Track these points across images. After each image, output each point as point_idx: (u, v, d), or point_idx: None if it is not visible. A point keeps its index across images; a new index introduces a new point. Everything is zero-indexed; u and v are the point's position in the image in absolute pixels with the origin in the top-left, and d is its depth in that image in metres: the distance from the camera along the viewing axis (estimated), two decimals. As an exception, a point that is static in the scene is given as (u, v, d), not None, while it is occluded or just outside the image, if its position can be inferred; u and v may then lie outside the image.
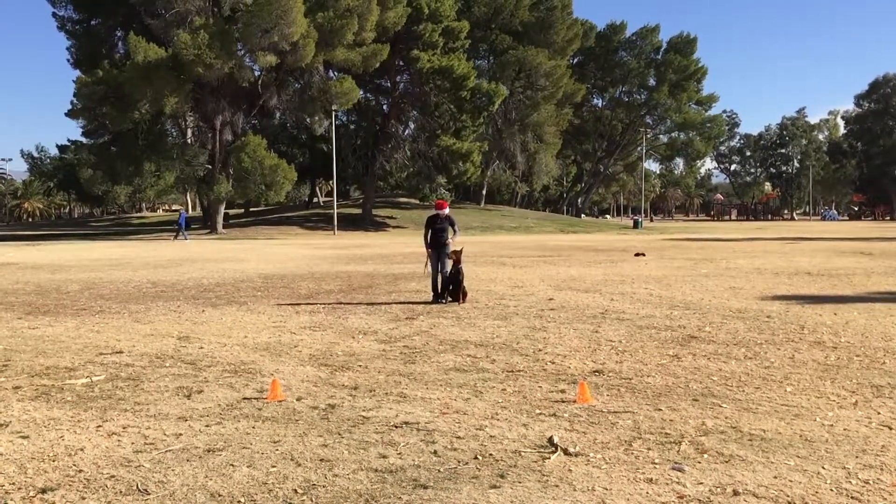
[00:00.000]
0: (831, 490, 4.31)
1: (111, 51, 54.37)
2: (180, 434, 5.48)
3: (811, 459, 4.84)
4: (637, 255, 26.09)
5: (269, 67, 49.79)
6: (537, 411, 6.05)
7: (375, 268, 21.36)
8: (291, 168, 52.33)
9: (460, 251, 13.12)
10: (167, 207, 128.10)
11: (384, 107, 63.70)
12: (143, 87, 45.45)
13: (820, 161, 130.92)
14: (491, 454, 4.97)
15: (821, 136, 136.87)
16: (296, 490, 4.35)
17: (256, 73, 52.48)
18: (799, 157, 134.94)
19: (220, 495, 4.27)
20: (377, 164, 61.54)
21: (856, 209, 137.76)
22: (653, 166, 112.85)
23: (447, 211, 13.42)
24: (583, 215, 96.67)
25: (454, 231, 13.37)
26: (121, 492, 4.35)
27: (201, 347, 9.01)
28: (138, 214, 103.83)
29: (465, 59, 57.49)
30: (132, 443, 5.28)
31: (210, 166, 52.88)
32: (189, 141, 57.17)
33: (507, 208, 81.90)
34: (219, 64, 45.77)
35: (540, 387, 6.88)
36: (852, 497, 4.21)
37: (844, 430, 5.51)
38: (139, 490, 4.37)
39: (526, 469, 4.68)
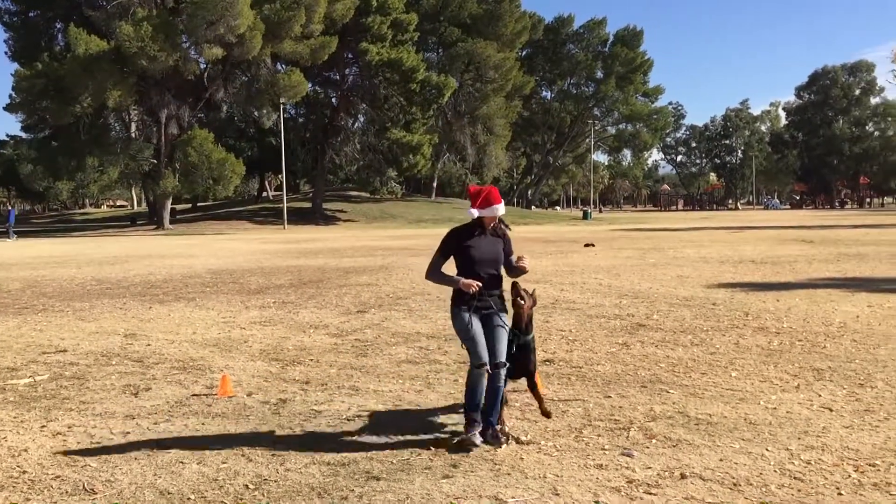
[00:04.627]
0: (775, 471, 4.43)
1: (51, 43, 53.02)
2: (128, 432, 5.39)
3: (755, 442, 4.96)
4: (587, 245, 26.37)
5: (216, 60, 49.02)
6: (489, 401, 6.07)
7: (326, 262, 21.22)
8: (240, 162, 51.69)
9: (534, 292, 5.50)
10: (111, 203, 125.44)
11: (333, 100, 63.20)
12: (85, 80, 44.42)
13: (762, 151, 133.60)
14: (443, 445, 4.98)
15: (763, 127, 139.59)
16: (247, 486, 4.31)
17: (202, 66, 51.65)
18: (742, 148, 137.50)
19: (169, 493, 4.21)
20: (327, 158, 61.12)
21: (797, 198, 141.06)
22: (601, 158, 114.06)
23: (503, 209, 5.17)
24: (533, 207, 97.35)
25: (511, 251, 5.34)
26: (66, 492, 4.26)
27: (148, 344, 8.85)
28: (81, 210, 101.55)
29: (415, 51, 57.36)
30: (78, 442, 5.18)
31: (155, 161, 51.88)
32: (133, 135, 55.95)
33: (458, 201, 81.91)
34: (163, 56, 44.93)
35: (492, 377, 6.91)
36: (795, 477, 4.33)
37: (787, 412, 5.65)
38: (85, 490, 4.28)
39: (478, 458, 4.71)
